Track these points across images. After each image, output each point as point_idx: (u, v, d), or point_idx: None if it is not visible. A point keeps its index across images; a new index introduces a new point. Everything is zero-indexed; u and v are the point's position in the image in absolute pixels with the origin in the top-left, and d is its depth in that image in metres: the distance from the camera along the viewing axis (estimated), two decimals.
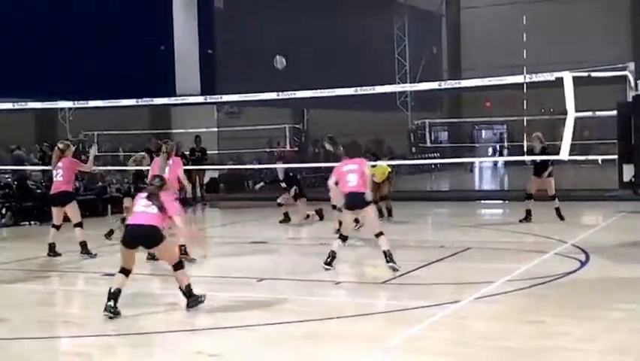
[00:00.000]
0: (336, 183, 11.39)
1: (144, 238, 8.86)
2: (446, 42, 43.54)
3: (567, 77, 10.40)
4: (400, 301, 9.35)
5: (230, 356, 7.30)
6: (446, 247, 12.94)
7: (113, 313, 8.51)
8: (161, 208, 8.86)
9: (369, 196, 11.10)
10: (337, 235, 11.57)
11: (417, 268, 11.39)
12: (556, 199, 16.32)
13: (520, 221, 16.17)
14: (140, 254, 9.93)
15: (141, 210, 8.92)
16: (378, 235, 11.03)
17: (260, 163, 25.54)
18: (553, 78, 10.60)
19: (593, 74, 11.01)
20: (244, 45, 28.40)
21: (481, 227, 16.99)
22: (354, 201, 11.07)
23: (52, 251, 13.15)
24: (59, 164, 13.09)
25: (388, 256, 10.83)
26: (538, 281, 10.08)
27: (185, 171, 16.57)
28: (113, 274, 10.96)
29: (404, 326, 8.06)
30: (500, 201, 22.88)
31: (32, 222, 18.62)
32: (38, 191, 19.37)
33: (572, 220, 16.25)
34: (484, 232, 15.78)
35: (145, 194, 9.11)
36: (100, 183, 21.53)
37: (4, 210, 19.25)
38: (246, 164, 26.38)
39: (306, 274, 11.14)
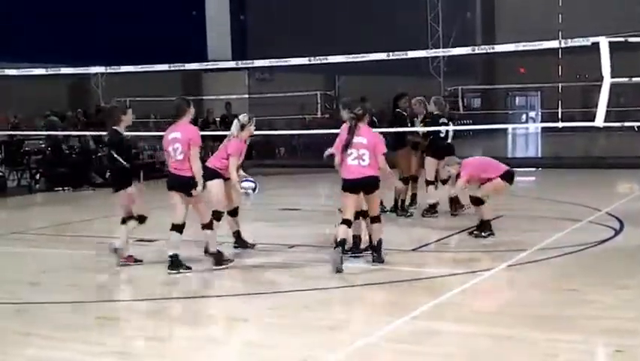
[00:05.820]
0: None
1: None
2: (480, 7, 43.05)
3: (603, 42, 10.19)
4: (431, 269, 9.30)
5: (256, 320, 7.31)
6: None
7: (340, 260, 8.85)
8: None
9: None
10: None
11: (448, 236, 11.33)
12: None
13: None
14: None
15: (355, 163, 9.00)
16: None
17: (291, 130, 25.48)
18: (589, 43, 10.39)
19: (630, 40, 10.79)
20: (275, 10, 28.30)
21: (513, 195, 16.77)
22: None
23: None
24: None
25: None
26: (571, 250, 9.97)
27: (218, 137, 16.55)
28: (146, 240, 11.09)
29: (435, 293, 8.00)
30: (533, 169, 22.66)
31: (66, 188, 18.72)
32: (73, 157, 19.45)
33: (607, 188, 16.04)
34: (517, 200, 15.59)
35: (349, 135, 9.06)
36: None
37: (37, 176, 19.40)
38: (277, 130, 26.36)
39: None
